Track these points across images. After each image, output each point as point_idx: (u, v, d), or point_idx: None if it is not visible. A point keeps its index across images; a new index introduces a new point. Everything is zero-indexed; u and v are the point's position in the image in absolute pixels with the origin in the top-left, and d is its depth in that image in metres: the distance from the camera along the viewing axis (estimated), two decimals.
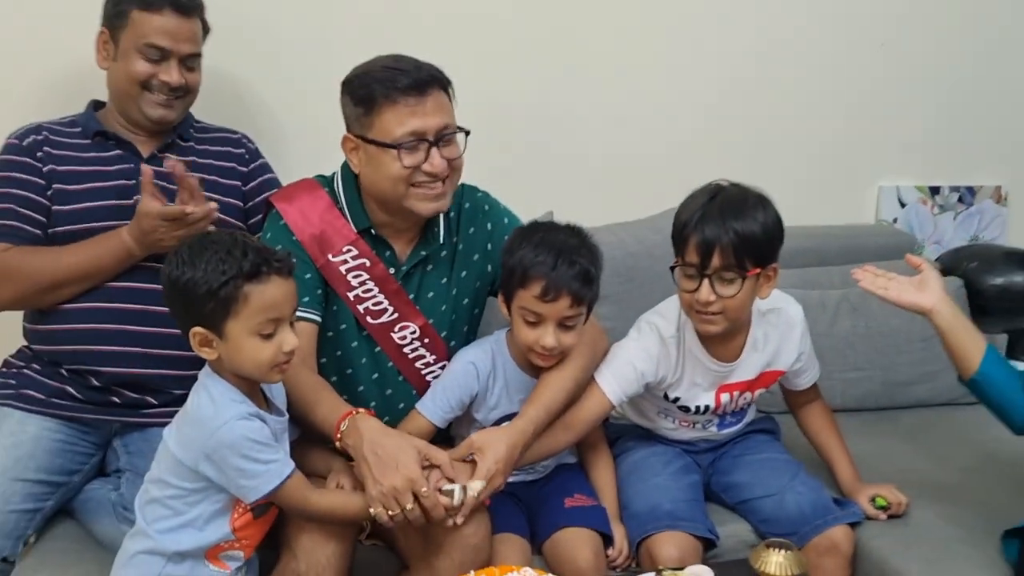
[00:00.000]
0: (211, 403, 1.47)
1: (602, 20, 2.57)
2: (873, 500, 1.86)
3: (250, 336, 1.44)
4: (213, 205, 1.77)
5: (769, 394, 2.16)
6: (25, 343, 1.95)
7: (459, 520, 1.57)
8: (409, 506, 1.52)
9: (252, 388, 1.52)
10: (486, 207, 1.89)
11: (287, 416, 1.59)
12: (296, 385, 1.63)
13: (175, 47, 1.89)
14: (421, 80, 1.66)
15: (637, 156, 2.62)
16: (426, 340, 1.80)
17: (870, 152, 2.83)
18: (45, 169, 1.88)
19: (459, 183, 1.83)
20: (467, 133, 1.74)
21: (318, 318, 1.74)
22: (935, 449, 2.16)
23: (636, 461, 1.94)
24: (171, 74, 1.89)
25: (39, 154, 1.89)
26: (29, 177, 1.88)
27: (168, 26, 1.87)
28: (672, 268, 1.76)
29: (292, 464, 1.50)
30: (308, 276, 1.73)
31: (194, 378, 1.86)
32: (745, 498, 1.90)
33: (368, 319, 1.77)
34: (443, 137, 1.69)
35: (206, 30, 1.99)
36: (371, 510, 1.53)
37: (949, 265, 2.67)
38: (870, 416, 2.35)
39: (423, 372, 1.81)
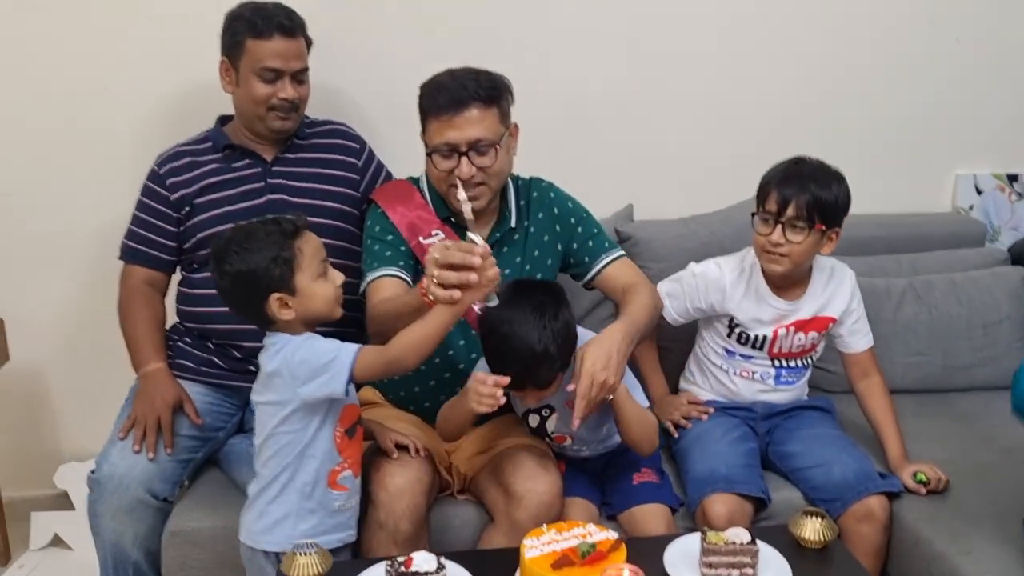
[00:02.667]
0: (276, 350, 1.73)
1: (683, 15, 2.69)
2: (915, 475, 2.04)
3: (314, 280, 1.71)
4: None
5: (831, 375, 2.37)
6: (178, 320, 2.30)
7: (482, 260, 1.62)
8: (437, 255, 1.65)
9: None
10: (551, 195, 2.15)
11: None
12: (379, 313, 1.92)
13: (286, 66, 2.15)
14: (459, 99, 1.91)
15: (715, 149, 2.75)
16: None
17: (947, 140, 2.91)
18: (174, 197, 2.20)
19: (526, 177, 2.14)
20: (495, 146, 1.94)
21: (408, 278, 2.00)
22: (984, 430, 2.30)
23: (700, 431, 2.17)
24: (287, 91, 2.15)
25: (169, 182, 2.21)
26: (159, 207, 2.22)
27: (278, 49, 2.13)
28: (753, 215, 2.09)
29: (356, 345, 1.71)
30: (403, 248, 2.04)
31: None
32: (797, 467, 2.11)
33: None
34: (475, 148, 1.93)
35: (309, 44, 2.23)
36: (431, 297, 1.67)
37: (1021, 252, 2.78)
38: (928, 397, 2.49)
39: None
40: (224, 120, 2.32)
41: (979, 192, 2.94)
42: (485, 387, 1.75)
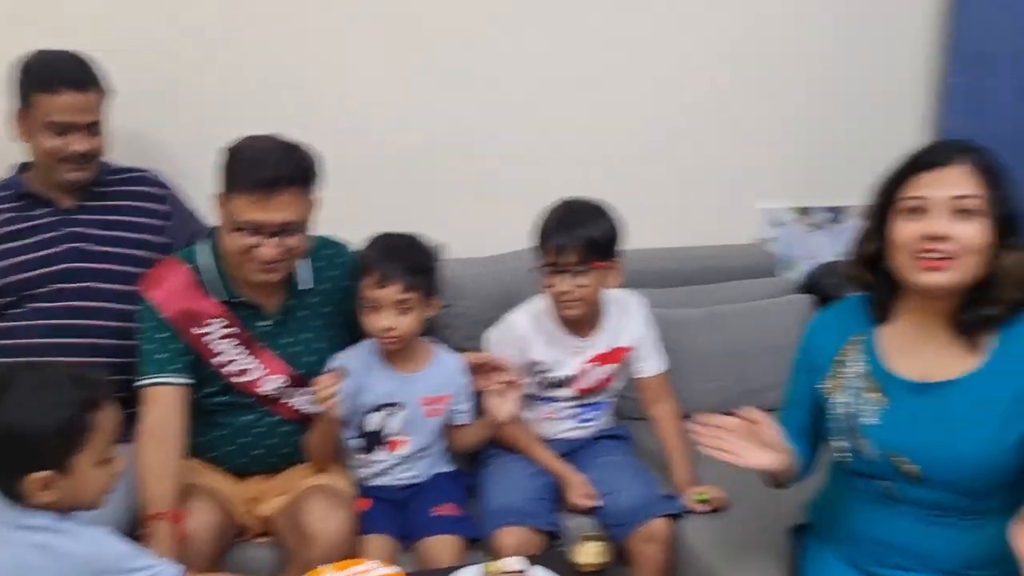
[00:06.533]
0: (63, 538, 1.42)
1: (494, 58, 2.77)
2: (696, 496, 2.15)
3: (96, 466, 1.44)
4: None
5: (629, 400, 2.47)
6: None
7: None
8: None
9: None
10: (342, 252, 2.19)
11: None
12: (139, 458, 1.90)
13: (76, 119, 2.12)
14: (273, 180, 1.87)
15: (525, 185, 2.76)
16: (292, 384, 2.08)
17: (749, 176, 3.07)
18: None
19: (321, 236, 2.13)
20: (304, 231, 1.96)
21: (187, 381, 2.00)
22: None
23: (500, 464, 2.25)
24: (77, 144, 2.13)
25: None
26: None
27: (67, 103, 2.10)
28: (536, 268, 2.16)
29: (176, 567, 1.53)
30: (175, 346, 2.00)
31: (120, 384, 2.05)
32: None
33: (237, 379, 2.05)
34: (283, 230, 1.92)
35: (105, 94, 2.20)
36: None
37: (815, 280, 2.97)
38: None
39: (295, 407, 2.10)
40: (25, 166, 2.28)
41: (777, 225, 3.13)
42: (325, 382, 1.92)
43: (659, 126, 2.96)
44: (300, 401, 2.09)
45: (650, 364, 2.32)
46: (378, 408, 2.10)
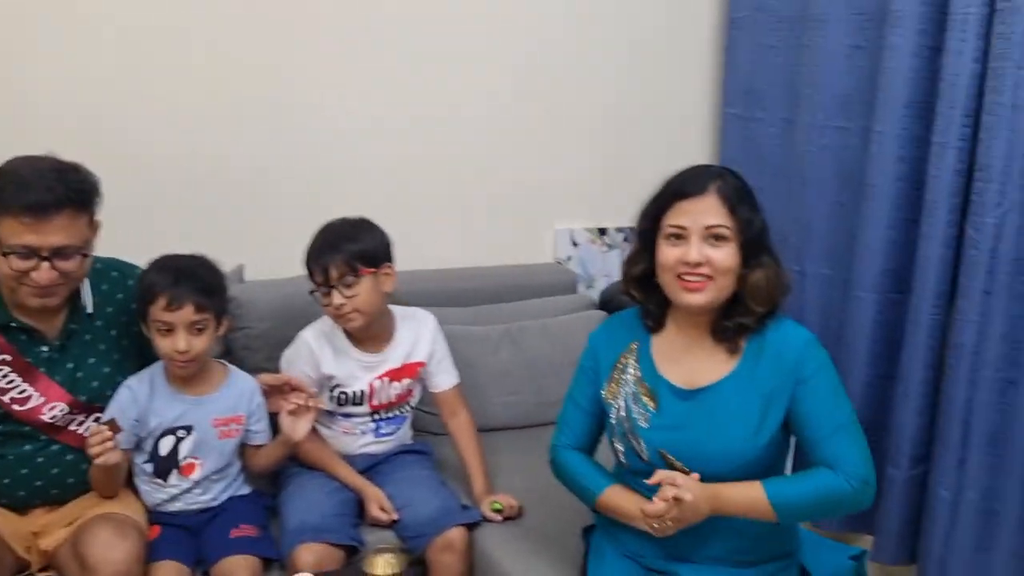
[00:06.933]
0: None
1: (286, 81, 2.78)
2: (491, 505, 2.24)
3: None
4: None
5: (431, 416, 2.54)
6: None
7: None
8: None
9: None
10: (129, 274, 2.13)
11: None
12: None
13: None
14: (46, 203, 1.80)
15: (324, 206, 2.72)
16: (75, 411, 2.02)
17: (547, 198, 3.21)
18: None
19: (105, 258, 2.09)
20: (85, 255, 1.92)
21: None
22: None
23: (299, 482, 2.26)
24: None
25: None
26: None
27: None
28: (311, 292, 2.20)
29: None
30: None
31: None
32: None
33: (15, 407, 1.96)
34: (59, 254, 1.85)
35: None
36: None
37: (609, 297, 3.14)
38: (523, 433, 2.72)
39: (79, 432, 2.02)
40: None
41: (575, 244, 3.29)
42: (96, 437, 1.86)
43: (459, 150, 3.05)
44: (86, 428, 2.03)
45: (443, 378, 2.40)
46: (168, 432, 2.07)
